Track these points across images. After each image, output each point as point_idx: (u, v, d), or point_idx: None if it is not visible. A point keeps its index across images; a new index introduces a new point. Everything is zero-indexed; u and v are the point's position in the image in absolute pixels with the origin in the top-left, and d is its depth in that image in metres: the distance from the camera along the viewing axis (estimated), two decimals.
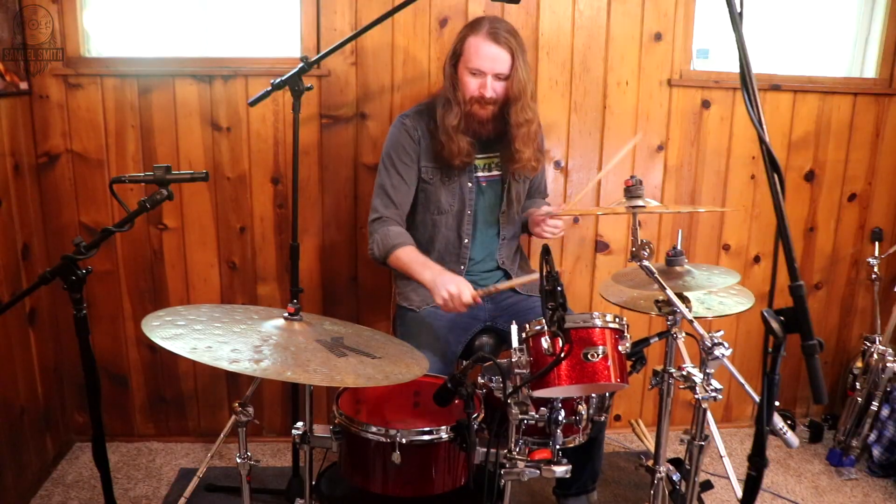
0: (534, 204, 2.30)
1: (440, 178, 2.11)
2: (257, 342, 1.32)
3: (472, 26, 2.01)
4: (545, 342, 1.40)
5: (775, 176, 0.97)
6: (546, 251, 1.39)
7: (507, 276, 2.23)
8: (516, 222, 2.24)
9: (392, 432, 1.40)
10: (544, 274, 1.38)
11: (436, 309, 2.13)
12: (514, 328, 1.47)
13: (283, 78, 1.96)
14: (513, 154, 2.06)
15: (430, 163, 2.11)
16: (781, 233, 0.96)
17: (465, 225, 2.14)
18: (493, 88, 1.98)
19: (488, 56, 1.96)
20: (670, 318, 1.67)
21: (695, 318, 1.52)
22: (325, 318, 1.60)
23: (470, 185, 2.12)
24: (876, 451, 2.53)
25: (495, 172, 2.16)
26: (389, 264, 2.06)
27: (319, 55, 2.01)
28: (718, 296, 1.97)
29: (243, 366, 1.22)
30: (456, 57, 2.03)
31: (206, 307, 1.50)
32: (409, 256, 2.01)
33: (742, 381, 1.72)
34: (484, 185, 2.15)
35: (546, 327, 1.39)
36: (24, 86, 2.33)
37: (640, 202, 1.58)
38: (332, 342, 1.40)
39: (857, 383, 2.67)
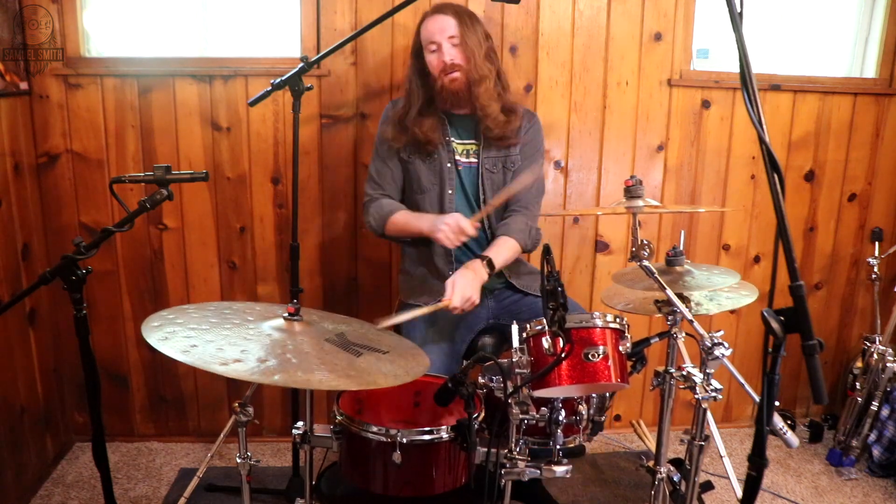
0: (499, 235, 2.19)
1: (419, 157, 2.14)
2: (278, 349, 1.30)
3: (422, 18, 2.11)
4: (546, 342, 1.40)
5: (775, 176, 0.97)
6: (547, 251, 1.40)
7: (500, 276, 2.20)
8: (496, 214, 2.18)
9: (392, 432, 1.40)
10: (545, 274, 1.38)
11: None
12: (514, 328, 1.47)
13: (283, 78, 1.96)
14: (481, 115, 2.07)
15: (407, 142, 2.14)
16: (781, 233, 0.96)
17: (447, 205, 2.14)
18: (450, 54, 2.04)
19: (436, 27, 2.05)
20: (670, 318, 1.67)
21: (701, 313, 1.52)
22: (324, 312, 1.59)
23: (449, 165, 2.14)
24: (876, 451, 2.53)
25: (472, 160, 2.16)
26: (387, 233, 2.14)
27: (319, 55, 2.01)
28: (724, 291, 1.96)
29: (282, 378, 1.20)
30: (417, 49, 2.11)
31: (213, 306, 1.49)
32: (404, 217, 2.11)
33: (742, 381, 1.72)
34: (461, 168, 2.16)
35: (547, 327, 1.39)
36: (24, 86, 2.33)
37: (640, 202, 1.58)
38: (339, 340, 1.40)
39: (857, 383, 2.67)
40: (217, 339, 1.30)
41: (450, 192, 2.14)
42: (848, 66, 2.80)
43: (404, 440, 1.40)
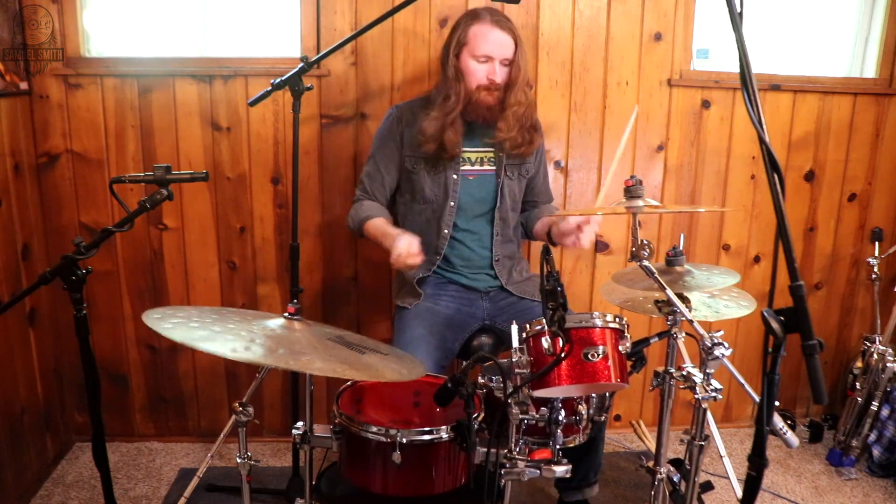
0: (543, 211, 2.29)
1: (425, 167, 2.13)
2: (286, 342, 1.30)
3: (474, 15, 2.05)
4: (545, 342, 1.40)
5: (775, 176, 0.98)
6: (546, 251, 1.39)
7: (496, 279, 2.21)
8: (511, 221, 2.22)
9: (392, 432, 1.40)
10: (544, 274, 1.38)
11: (432, 304, 2.14)
12: (514, 328, 1.47)
13: (283, 78, 1.96)
14: (500, 137, 2.07)
15: (413, 153, 2.13)
16: (781, 233, 0.96)
17: (446, 216, 2.14)
18: (501, 74, 2.03)
19: (496, 42, 2.01)
20: (670, 318, 1.67)
21: (697, 318, 1.52)
22: (321, 323, 1.60)
23: (455, 177, 2.13)
24: (876, 451, 2.53)
25: (487, 167, 2.17)
26: (364, 235, 2.13)
27: (319, 55, 2.01)
28: (722, 299, 1.97)
29: (297, 364, 1.20)
30: (459, 46, 2.04)
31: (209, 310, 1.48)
32: (375, 226, 2.08)
33: (742, 381, 1.72)
34: (471, 178, 2.15)
35: (546, 327, 1.39)
36: (24, 86, 2.33)
37: (640, 202, 1.58)
38: (341, 340, 1.40)
39: (857, 383, 2.67)
40: (224, 331, 1.30)
41: (451, 204, 2.14)
42: (848, 66, 2.80)
43: (404, 440, 1.40)
